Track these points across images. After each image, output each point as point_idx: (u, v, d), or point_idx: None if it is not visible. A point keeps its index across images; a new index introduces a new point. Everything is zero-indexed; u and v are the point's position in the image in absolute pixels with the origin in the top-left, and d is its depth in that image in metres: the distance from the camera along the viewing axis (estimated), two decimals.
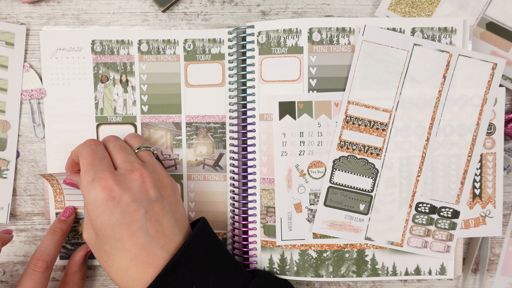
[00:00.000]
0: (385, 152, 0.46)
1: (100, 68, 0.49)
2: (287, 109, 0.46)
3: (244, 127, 0.47)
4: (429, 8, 0.47)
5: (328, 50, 0.46)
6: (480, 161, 0.46)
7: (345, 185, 0.46)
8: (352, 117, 0.46)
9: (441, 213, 0.46)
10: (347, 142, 0.46)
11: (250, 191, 0.47)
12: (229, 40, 0.48)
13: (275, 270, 0.47)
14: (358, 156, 0.46)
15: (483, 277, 0.50)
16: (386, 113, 0.45)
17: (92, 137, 0.49)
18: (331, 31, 0.45)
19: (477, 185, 0.47)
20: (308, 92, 0.46)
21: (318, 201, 0.47)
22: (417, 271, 0.47)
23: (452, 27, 0.45)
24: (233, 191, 0.48)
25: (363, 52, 0.45)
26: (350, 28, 0.45)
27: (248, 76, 0.47)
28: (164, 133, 0.49)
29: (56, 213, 0.49)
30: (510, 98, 0.49)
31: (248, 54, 0.46)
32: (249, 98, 0.47)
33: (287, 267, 0.47)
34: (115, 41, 0.48)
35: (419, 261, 0.47)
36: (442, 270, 0.47)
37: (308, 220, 0.47)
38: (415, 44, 0.45)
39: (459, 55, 0.45)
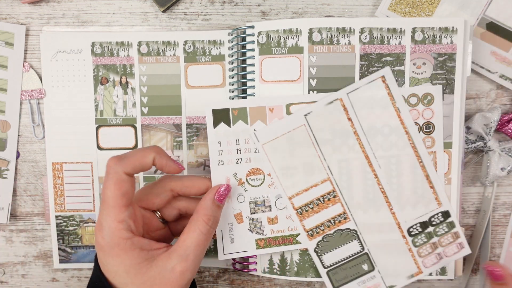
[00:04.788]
0: (349, 211, 0.45)
1: (100, 70, 0.49)
2: (221, 116, 0.45)
3: None
4: (429, 8, 0.47)
5: (328, 50, 0.46)
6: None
7: (338, 261, 0.46)
8: (302, 207, 0.45)
9: (434, 223, 0.46)
10: (313, 229, 0.46)
11: None
12: (229, 41, 0.48)
13: (275, 271, 0.47)
14: (331, 232, 0.46)
15: (483, 277, 0.50)
16: (326, 183, 0.45)
17: (92, 139, 0.49)
18: (331, 31, 0.45)
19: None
20: (309, 92, 0.46)
21: (259, 209, 0.46)
22: None
23: (453, 27, 0.45)
24: None
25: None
26: (350, 28, 0.45)
27: (248, 76, 0.47)
28: (165, 134, 0.49)
29: (56, 216, 0.49)
30: (510, 98, 0.49)
31: (248, 54, 0.46)
32: (249, 98, 0.47)
33: (287, 267, 0.47)
34: (114, 43, 0.48)
35: None
36: (443, 271, 0.47)
37: (250, 230, 0.46)
38: (305, 115, 0.45)
39: (347, 94, 0.45)
